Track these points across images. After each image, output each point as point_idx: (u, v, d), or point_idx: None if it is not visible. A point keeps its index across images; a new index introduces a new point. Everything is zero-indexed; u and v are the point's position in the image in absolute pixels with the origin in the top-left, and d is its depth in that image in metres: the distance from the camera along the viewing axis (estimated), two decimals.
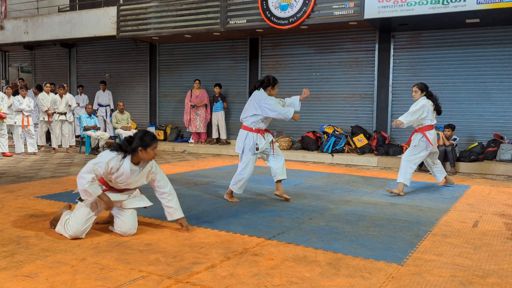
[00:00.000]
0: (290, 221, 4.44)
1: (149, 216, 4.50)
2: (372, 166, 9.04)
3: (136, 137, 3.71)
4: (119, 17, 11.78)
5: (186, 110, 11.88)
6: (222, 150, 10.91)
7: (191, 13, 10.82)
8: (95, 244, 3.57)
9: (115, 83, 13.75)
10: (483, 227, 4.34)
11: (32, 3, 14.85)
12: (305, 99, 5.73)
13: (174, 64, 12.99)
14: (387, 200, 5.57)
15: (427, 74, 9.80)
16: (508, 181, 7.36)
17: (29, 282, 2.81)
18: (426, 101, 6.04)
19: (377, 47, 10.19)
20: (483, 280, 2.98)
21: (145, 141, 3.69)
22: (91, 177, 3.61)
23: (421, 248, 3.63)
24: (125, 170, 3.71)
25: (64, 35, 12.95)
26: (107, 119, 12.77)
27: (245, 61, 11.83)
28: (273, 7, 9.79)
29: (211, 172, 7.68)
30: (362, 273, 3.05)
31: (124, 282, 2.82)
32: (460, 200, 5.68)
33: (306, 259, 3.31)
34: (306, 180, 7.01)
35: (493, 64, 9.26)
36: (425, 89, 6.13)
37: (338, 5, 9.17)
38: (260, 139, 5.27)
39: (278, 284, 2.85)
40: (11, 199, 5.23)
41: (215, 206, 5.04)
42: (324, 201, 5.42)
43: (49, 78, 13.77)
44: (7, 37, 13.97)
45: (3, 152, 9.40)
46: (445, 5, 8.12)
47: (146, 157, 3.75)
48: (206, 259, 3.28)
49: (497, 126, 9.22)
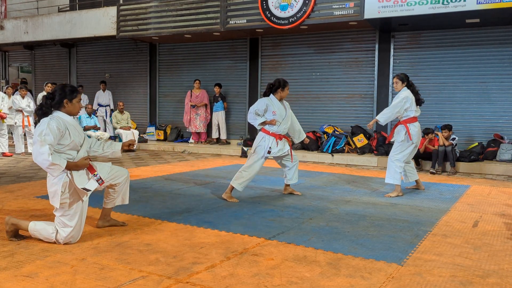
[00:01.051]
0: (290, 221, 4.43)
1: (149, 216, 4.51)
2: (372, 166, 9.04)
3: (56, 91, 3.54)
4: (119, 17, 11.78)
5: (186, 110, 11.87)
6: (222, 150, 10.91)
7: (191, 13, 10.82)
8: (95, 244, 3.57)
9: (115, 83, 13.75)
10: (483, 227, 4.34)
11: (32, 3, 14.85)
12: (305, 99, 5.78)
13: (174, 64, 12.99)
14: (387, 200, 5.57)
15: (427, 74, 9.80)
16: (508, 181, 7.36)
17: (29, 282, 2.81)
18: (408, 92, 5.78)
19: (377, 47, 10.18)
20: (483, 280, 2.98)
21: (68, 92, 3.54)
22: (47, 148, 3.33)
23: (421, 248, 3.63)
24: (69, 123, 3.52)
25: (64, 35, 12.95)
26: (107, 119, 12.77)
27: (245, 61, 11.83)
28: (273, 7, 9.79)
29: (211, 172, 7.68)
30: (362, 273, 3.05)
31: (124, 282, 2.82)
32: (460, 200, 5.68)
33: (306, 259, 3.31)
34: (306, 180, 7.01)
35: (493, 64, 9.26)
36: (405, 80, 5.83)
37: (338, 5, 9.17)
38: (274, 143, 5.38)
39: (278, 284, 2.85)
40: (11, 199, 5.23)
41: (215, 206, 5.04)
42: (324, 201, 5.42)
43: (49, 78, 13.77)
44: (7, 37, 13.97)
45: (3, 152, 9.40)
46: (445, 5, 8.12)
47: (72, 110, 3.59)
48: (206, 259, 3.28)
49: (497, 126, 9.21)
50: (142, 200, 5.28)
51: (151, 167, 8.21)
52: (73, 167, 3.50)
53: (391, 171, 5.78)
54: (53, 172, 3.45)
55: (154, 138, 12.73)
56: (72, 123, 3.57)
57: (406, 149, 5.78)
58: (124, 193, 4.02)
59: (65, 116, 3.55)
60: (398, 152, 5.80)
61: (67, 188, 3.48)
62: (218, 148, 11.04)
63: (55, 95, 3.53)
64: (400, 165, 5.77)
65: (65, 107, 3.56)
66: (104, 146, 3.89)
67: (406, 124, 5.76)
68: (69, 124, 3.53)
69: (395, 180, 5.76)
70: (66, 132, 3.48)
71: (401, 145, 5.78)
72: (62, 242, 3.54)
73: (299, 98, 10.78)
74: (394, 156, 5.80)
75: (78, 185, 3.50)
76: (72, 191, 3.51)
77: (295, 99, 10.82)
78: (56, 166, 3.38)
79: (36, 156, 3.38)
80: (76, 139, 3.55)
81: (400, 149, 5.80)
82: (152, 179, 6.80)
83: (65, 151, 3.52)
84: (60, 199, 3.47)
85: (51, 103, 3.53)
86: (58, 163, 3.38)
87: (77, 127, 3.64)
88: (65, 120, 3.52)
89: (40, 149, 3.34)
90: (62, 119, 3.51)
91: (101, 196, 5.54)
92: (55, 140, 3.41)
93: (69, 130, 3.51)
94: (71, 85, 3.65)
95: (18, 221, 3.63)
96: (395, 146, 5.86)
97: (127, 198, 4.08)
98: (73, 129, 3.55)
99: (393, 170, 5.76)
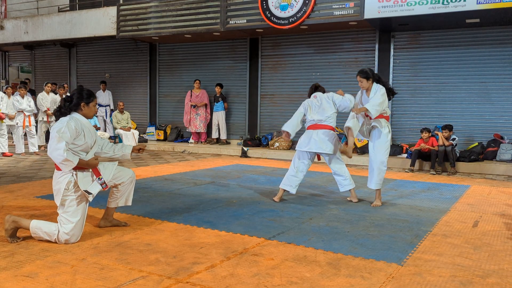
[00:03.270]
0: (290, 221, 4.43)
1: (149, 216, 4.51)
2: None
3: (75, 95, 3.70)
4: (119, 17, 11.78)
5: (186, 110, 11.87)
6: (222, 150, 10.91)
7: (191, 13, 10.82)
8: (95, 244, 3.57)
9: (115, 83, 13.75)
10: (483, 227, 4.34)
11: (32, 3, 14.85)
12: (305, 99, 5.77)
13: (174, 64, 12.99)
14: (387, 200, 5.57)
15: (427, 74, 9.81)
16: (508, 181, 7.36)
17: (29, 282, 2.81)
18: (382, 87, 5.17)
19: (377, 47, 10.18)
20: (483, 280, 2.98)
21: (85, 96, 3.72)
22: (64, 144, 3.47)
23: (421, 248, 3.63)
24: (84, 125, 3.66)
25: (64, 35, 12.95)
26: (107, 119, 12.78)
27: (245, 61, 11.83)
28: (273, 7, 9.79)
29: (211, 172, 7.68)
30: (362, 273, 3.05)
31: (124, 282, 2.82)
32: (460, 200, 5.68)
33: (306, 259, 3.31)
34: (306, 180, 7.01)
35: (493, 64, 9.26)
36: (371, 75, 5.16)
37: (338, 5, 9.17)
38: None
39: (278, 284, 2.85)
40: (11, 199, 5.23)
41: (215, 206, 5.04)
42: (324, 201, 5.42)
43: (49, 78, 13.77)
44: (7, 37, 13.97)
45: (3, 152, 9.40)
46: (445, 5, 8.12)
47: (88, 113, 3.76)
48: (206, 259, 3.28)
49: (497, 126, 9.21)
50: (142, 200, 5.28)
51: (151, 167, 8.21)
52: (84, 165, 3.64)
53: (380, 176, 5.22)
54: (65, 168, 3.57)
55: (154, 138, 12.73)
56: (87, 126, 3.73)
57: (388, 147, 5.27)
58: (128, 194, 4.08)
59: (82, 118, 3.72)
60: (386, 153, 5.24)
61: (72, 187, 3.59)
62: (218, 148, 11.04)
63: (73, 98, 3.71)
64: (385, 167, 5.26)
65: (82, 110, 3.73)
66: (115, 149, 4.00)
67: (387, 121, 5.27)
68: (84, 126, 3.69)
69: (381, 185, 5.28)
70: (82, 133, 3.64)
71: (387, 144, 5.22)
72: (63, 240, 3.56)
73: (299, 98, 10.77)
74: (383, 158, 5.20)
75: (81, 187, 3.61)
76: (76, 189, 3.62)
77: (295, 99, 10.84)
78: (69, 162, 3.51)
79: (52, 151, 3.52)
80: (89, 141, 3.70)
81: (387, 150, 5.25)
82: (152, 179, 6.80)
83: (77, 151, 3.64)
84: (62, 197, 3.58)
85: (69, 105, 3.69)
86: (71, 159, 3.51)
87: (91, 130, 3.78)
88: (82, 122, 3.69)
89: (57, 145, 3.49)
90: (80, 120, 3.68)
91: (102, 196, 5.55)
92: (71, 138, 3.56)
93: (84, 132, 3.67)
94: (88, 90, 3.81)
95: (20, 219, 3.65)
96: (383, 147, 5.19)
97: (131, 199, 4.12)
98: (87, 131, 3.71)
99: (381, 174, 5.22)
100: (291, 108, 7.31)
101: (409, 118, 10.02)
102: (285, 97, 11.33)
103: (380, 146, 5.17)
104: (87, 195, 3.63)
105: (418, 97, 9.91)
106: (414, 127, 9.83)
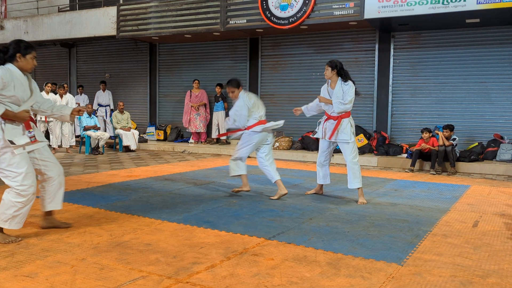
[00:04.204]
0: (290, 221, 4.44)
1: (149, 216, 4.51)
2: (372, 166, 9.04)
3: (11, 45, 3.61)
4: (119, 17, 11.78)
5: (185, 110, 11.87)
6: (222, 150, 10.91)
7: (191, 13, 10.82)
8: (95, 244, 3.57)
9: (115, 83, 13.76)
10: (483, 227, 4.34)
11: (32, 3, 14.86)
12: (305, 99, 5.81)
13: (174, 64, 12.99)
14: (387, 200, 5.57)
15: (427, 74, 9.81)
16: (508, 181, 7.36)
17: (29, 282, 2.81)
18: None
19: (377, 47, 10.18)
20: (483, 280, 2.98)
21: (23, 47, 3.62)
22: None
23: (421, 248, 3.63)
24: (17, 77, 3.55)
25: (64, 35, 12.96)
26: (107, 119, 12.78)
27: (245, 61, 11.83)
28: (273, 7, 9.79)
29: (211, 172, 7.68)
30: (362, 273, 3.05)
31: (124, 282, 2.82)
32: (460, 200, 5.68)
33: (306, 259, 3.31)
34: (306, 180, 7.01)
35: (493, 64, 9.26)
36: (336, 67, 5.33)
37: (338, 5, 9.17)
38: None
39: (278, 284, 2.85)
40: None
41: (215, 206, 5.04)
42: (324, 201, 5.42)
43: (49, 78, 13.76)
44: (7, 37, 13.97)
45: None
46: (445, 5, 8.12)
47: (25, 65, 3.65)
48: (206, 259, 3.28)
49: (497, 126, 9.22)
50: (142, 200, 5.28)
51: (151, 167, 8.21)
52: (12, 116, 3.53)
53: (356, 174, 5.26)
54: None
55: (154, 138, 12.73)
56: (20, 78, 3.61)
57: (355, 144, 5.30)
58: (56, 197, 3.90)
59: (16, 70, 3.61)
60: (356, 152, 5.31)
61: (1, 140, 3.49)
62: (218, 148, 11.04)
63: (9, 48, 3.61)
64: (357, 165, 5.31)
65: (17, 61, 3.62)
66: (53, 108, 3.94)
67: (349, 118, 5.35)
68: (16, 78, 3.57)
69: (359, 182, 5.31)
70: (11, 84, 3.52)
71: (351, 143, 5.26)
72: (21, 192, 3.46)
73: (299, 98, 10.78)
74: (355, 157, 5.28)
75: (7, 137, 3.49)
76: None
77: (295, 99, 10.84)
78: None
79: None
80: (19, 94, 3.58)
81: (352, 147, 5.27)
82: (152, 179, 6.80)
83: (5, 102, 3.54)
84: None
85: (4, 56, 3.60)
86: None
87: (24, 84, 3.66)
88: (14, 73, 3.57)
89: None
90: (11, 70, 3.57)
91: (100, 196, 5.56)
92: None
93: (15, 84, 3.55)
94: (27, 42, 3.72)
95: None
96: (352, 148, 5.27)
97: (60, 203, 3.94)
98: (19, 84, 3.59)
99: (357, 172, 5.26)
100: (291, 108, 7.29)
101: (409, 118, 10.02)
102: (285, 97, 11.33)
103: (346, 145, 5.30)
104: (11, 145, 3.47)
105: (418, 97, 9.91)
106: (414, 127, 9.83)
